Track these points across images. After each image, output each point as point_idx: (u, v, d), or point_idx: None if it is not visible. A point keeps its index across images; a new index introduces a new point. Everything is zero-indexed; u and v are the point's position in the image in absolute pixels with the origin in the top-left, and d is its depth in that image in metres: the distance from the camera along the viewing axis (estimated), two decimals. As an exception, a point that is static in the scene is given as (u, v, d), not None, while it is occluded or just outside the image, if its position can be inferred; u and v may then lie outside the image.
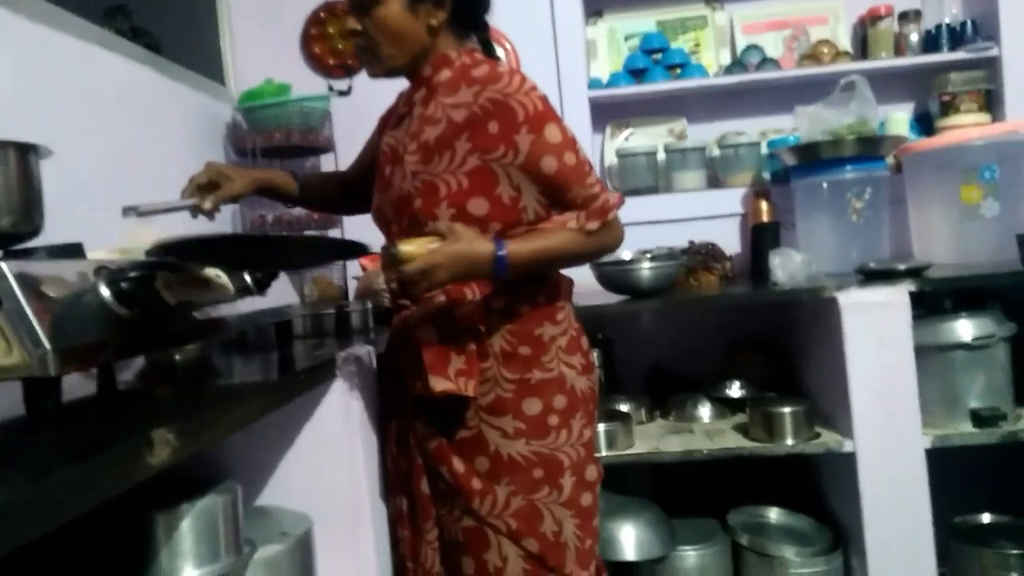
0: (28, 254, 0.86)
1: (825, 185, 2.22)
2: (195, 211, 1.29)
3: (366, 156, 1.51)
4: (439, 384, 1.23)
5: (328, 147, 2.39)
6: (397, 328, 1.37)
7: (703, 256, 2.22)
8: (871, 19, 2.50)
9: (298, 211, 2.30)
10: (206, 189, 1.31)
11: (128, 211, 1.17)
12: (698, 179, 2.54)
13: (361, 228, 1.60)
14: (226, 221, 2.29)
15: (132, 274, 0.83)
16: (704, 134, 2.63)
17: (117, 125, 1.82)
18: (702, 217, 2.46)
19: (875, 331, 1.83)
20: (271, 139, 2.24)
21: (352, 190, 1.53)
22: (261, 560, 1.04)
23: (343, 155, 2.41)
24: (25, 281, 0.71)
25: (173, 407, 0.91)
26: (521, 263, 1.19)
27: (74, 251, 0.90)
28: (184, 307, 0.96)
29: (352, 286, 2.32)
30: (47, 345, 0.69)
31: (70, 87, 1.67)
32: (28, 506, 0.56)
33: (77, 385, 1.01)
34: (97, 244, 1.09)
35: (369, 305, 1.72)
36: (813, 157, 2.22)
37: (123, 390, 1.04)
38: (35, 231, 0.91)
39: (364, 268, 2.12)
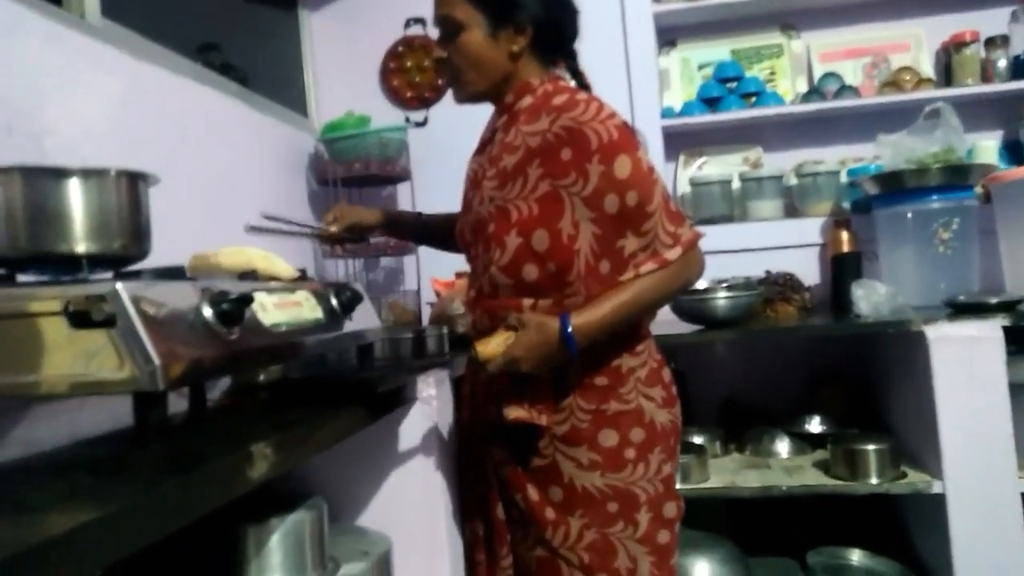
0: (137, 275, 0.90)
1: (910, 215, 2.16)
2: (325, 238, 1.48)
3: None
4: (512, 412, 1.23)
5: (404, 176, 2.45)
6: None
7: (781, 286, 2.18)
8: (955, 45, 2.44)
9: (374, 240, 2.36)
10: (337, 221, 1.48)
11: (254, 228, 1.26)
12: (775, 208, 2.51)
13: (439, 255, 1.64)
14: (304, 240, 2.36)
15: (233, 296, 0.86)
16: (780, 163, 2.60)
17: (208, 155, 1.91)
18: (779, 247, 2.42)
19: (966, 367, 1.76)
20: (351, 168, 2.31)
21: None
22: (344, 577, 1.06)
23: (419, 184, 2.47)
24: (136, 301, 0.75)
25: (265, 424, 0.94)
26: (592, 331, 1.18)
27: (177, 273, 0.95)
28: (276, 328, 0.99)
29: (426, 312, 2.36)
30: (156, 361, 0.72)
31: (167, 119, 1.77)
32: (139, 514, 0.59)
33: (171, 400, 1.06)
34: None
35: (445, 330, 1.74)
36: (897, 186, 2.16)
37: (213, 407, 1.08)
38: (143, 254, 0.97)
39: (438, 294, 2.16)
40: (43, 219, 0.85)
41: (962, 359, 1.76)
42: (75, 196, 0.87)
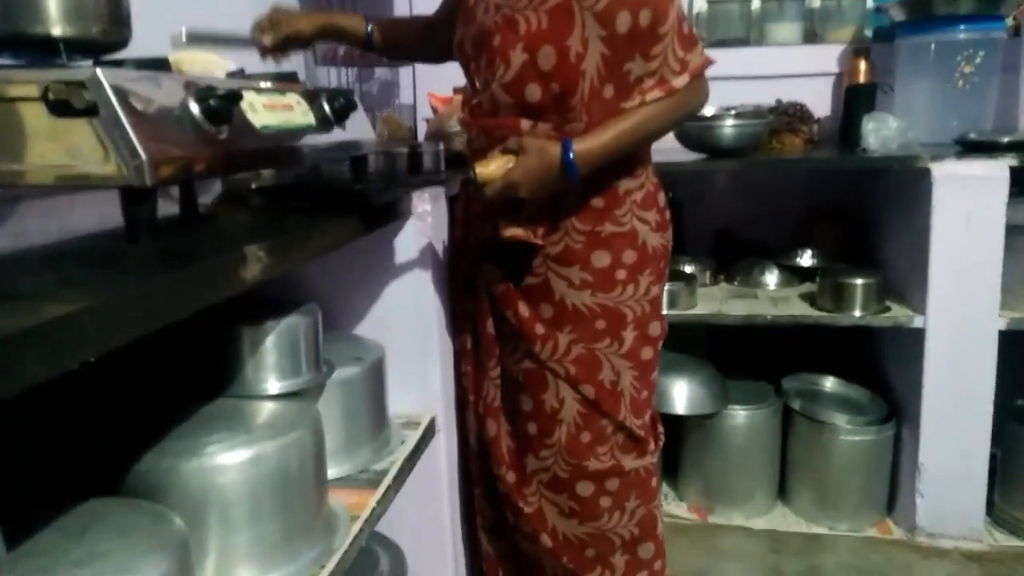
0: (118, 64, 0.86)
1: (933, 45, 2.06)
2: (260, 51, 1.29)
3: None
4: (509, 230, 1.24)
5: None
6: (470, 172, 1.36)
7: (790, 117, 2.12)
8: None
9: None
10: (270, 30, 1.29)
11: (187, 40, 1.15)
12: (794, 32, 2.39)
13: (437, 67, 1.56)
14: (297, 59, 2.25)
15: (220, 92, 0.83)
16: (805, -18, 2.44)
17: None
18: (794, 75, 2.33)
19: (967, 206, 1.75)
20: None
21: (439, 36, 1.42)
22: (338, 380, 1.10)
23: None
24: (119, 91, 0.72)
25: (258, 229, 0.93)
26: (594, 159, 1.16)
27: (160, 65, 0.90)
28: (266, 131, 0.96)
29: (421, 127, 2.30)
30: (143, 155, 0.70)
31: None
32: (133, 305, 0.60)
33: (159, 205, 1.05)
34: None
35: (441, 147, 1.70)
36: (925, 13, 2.05)
37: (204, 212, 1.07)
38: (124, 42, 0.91)
39: (435, 110, 2.09)
40: (13, -4, 0.79)
41: (964, 198, 1.75)
42: (48, -27, 0.80)
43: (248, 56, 1.30)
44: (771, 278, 2.17)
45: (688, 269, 2.16)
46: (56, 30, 0.82)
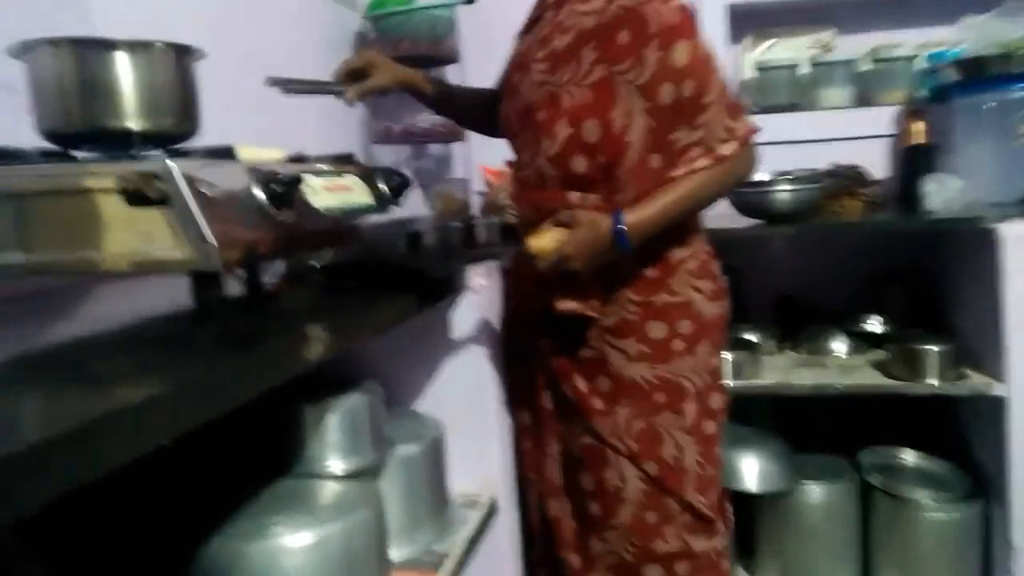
0: (187, 154, 0.91)
1: (991, 105, 2.04)
2: (339, 96, 1.36)
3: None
4: (563, 303, 1.24)
5: (454, 58, 2.39)
6: (524, 245, 1.38)
7: (847, 179, 2.10)
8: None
9: (423, 125, 2.34)
10: (355, 76, 1.37)
11: (275, 83, 1.23)
12: (845, 96, 2.39)
13: (490, 141, 1.61)
14: (352, 125, 2.33)
15: (282, 177, 0.86)
16: (854, 47, 2.46)
17: (248, 34, 1.87)
18: (847, 138, 2.31)
19: (1041, 267, 1.70)
20: (398, 48, 2.25)
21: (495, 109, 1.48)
22: (399, 458, 1.10)
23: (470, 66, 2.41)
24: (190, 180, 0.76)
25: (319, 308, 0.96)
26: (646, 228, 1.17)
27: (226, 153, 0.94)
28: (327, 212, 1.00)
29: (474, 201, 2.35)
30: (212, 241, 0.73)
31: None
32: (203, 389, 0.61)
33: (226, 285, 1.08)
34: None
35: (495, 221, 1.74)
36: (980, 72, 2.03)
37: (267, 291, 1.10)
38: (192, 132, 0.97)
39: (489, 184, 2.14)
40: (94, 93, 0.85)
41: (1036, 259, 1.70)
42: (124, 69, 0.86)
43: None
44: (839, 345, 2.12)
45: (751, 337, 2.12)
46: (132, 124, 0.87)
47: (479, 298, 1.34)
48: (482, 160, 2.28)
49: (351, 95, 1.35)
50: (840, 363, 2.05)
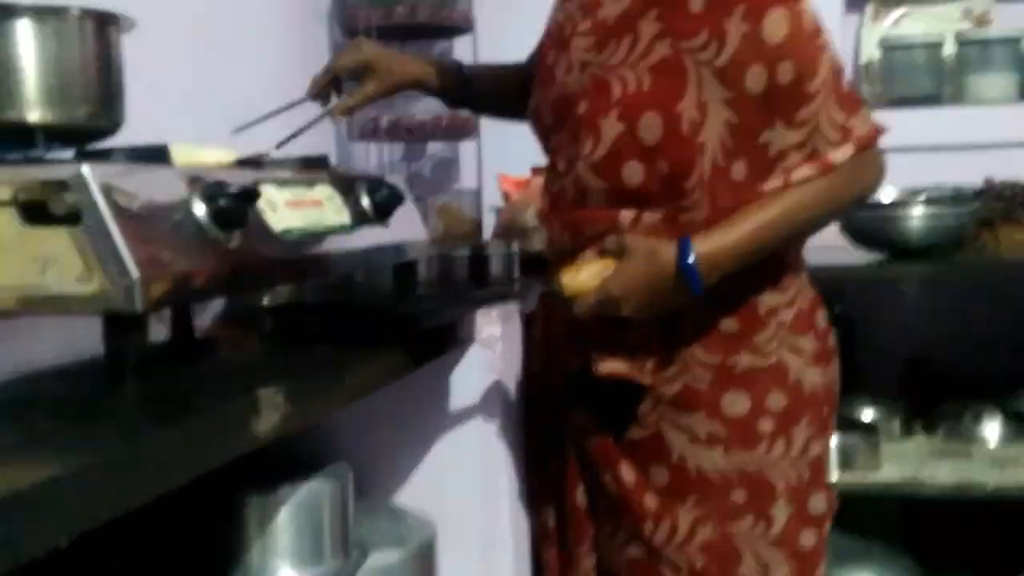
0: (106, 156, 0.94)
1: None
2: (327, 116, 1.41)
3: None
4: (606, 364, 1.26)
5: (466, 26, 2.44)
6: (554, 283, 1.40)
7: (1006, 201, 2.11)
8: None
9: (421, 117, 2.37)
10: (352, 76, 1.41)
11: (243, 129, 1.27)
12: (1006, 86, 2.42)
13: (510, 140, 1.64)
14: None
15: (233, 189, 0.89)
16: (1019, 18, 2.48)
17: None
18: (1008, 144, 2.34)
19: None
20: (391, 15, 2.31)
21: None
22: (374, 569, 1.12)
23: (484, 39, 2.45)
24: (108, 191, 0.78)
25: (274, 365, 0.98)
26: (724, 263, 1.16)
27: (158, 155, 0.97)
28: (288, 235, 1.03)
29: (489, 221, 2.37)
30: (134, 274, 0.76)
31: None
32: (112, 471, 0.63)
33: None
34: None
35: (515, 248, 1.76)
36: None
37: (203, 338, 1.13)
38: (113, 127, 1.01)
39: (507, 197, 2.16)
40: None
41: None
42: (25, 43, 0.89)
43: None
44: (991, 429, 2.12)
45: (868, 416, 2.13)
46: (33, 116, 0.91)
47: (491, 355, 1.36)
48: (499, 165, 2.29)
49: (338, 112, 1.40)
50: (992, 454, 2.05)
